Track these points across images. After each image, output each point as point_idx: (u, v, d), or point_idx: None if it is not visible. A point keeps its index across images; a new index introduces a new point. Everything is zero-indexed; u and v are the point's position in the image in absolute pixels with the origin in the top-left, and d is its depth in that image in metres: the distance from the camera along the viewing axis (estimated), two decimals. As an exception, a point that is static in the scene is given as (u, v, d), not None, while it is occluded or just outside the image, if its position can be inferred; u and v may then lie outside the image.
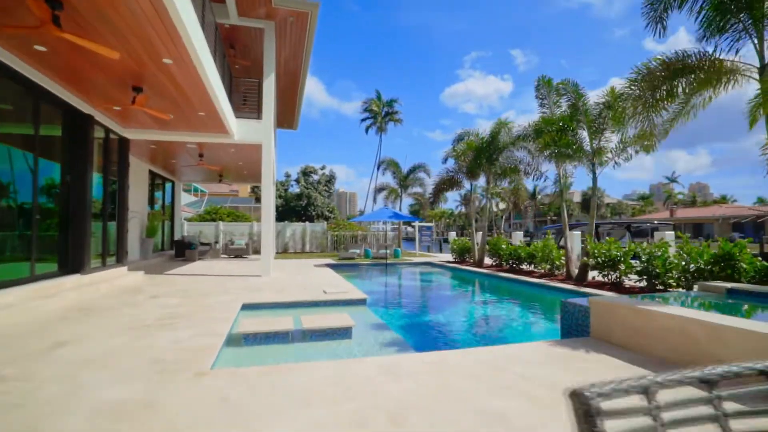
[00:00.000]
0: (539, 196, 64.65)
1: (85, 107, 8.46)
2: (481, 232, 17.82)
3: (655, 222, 19.77)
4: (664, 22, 7.33)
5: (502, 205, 61.45)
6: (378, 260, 18.67)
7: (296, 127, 22.25)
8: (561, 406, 3.06)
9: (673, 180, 76.27)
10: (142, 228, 14.98)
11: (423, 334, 6.39)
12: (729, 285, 6.16)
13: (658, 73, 7.14)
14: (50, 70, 6.90)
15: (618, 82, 9.87)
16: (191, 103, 8.46)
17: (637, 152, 10.59)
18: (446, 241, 45.19)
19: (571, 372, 3.77)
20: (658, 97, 7.14)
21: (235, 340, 5.33)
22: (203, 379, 3.54)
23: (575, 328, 5.38)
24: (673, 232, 12.77)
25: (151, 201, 16.58)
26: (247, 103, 13.07)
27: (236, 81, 13.33)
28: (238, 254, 19.11)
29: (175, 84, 7.40)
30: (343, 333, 5.64)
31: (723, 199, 75.02)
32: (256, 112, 12.56)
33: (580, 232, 17.30)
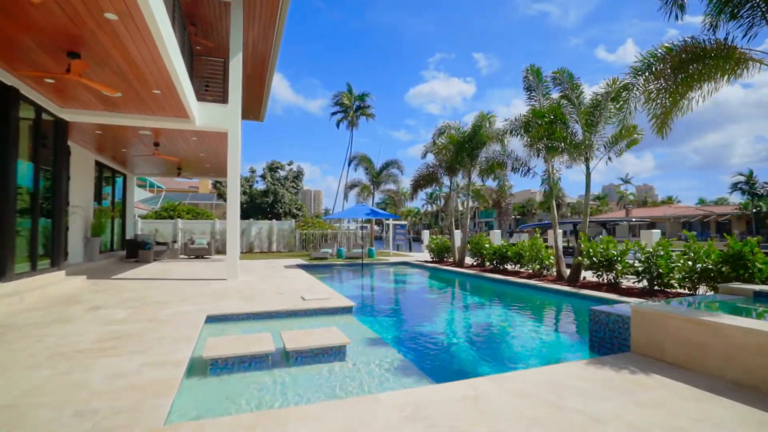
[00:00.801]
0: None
1: (6, 77, 6.91)
2: (460, 231, 17.21)
3: (633, 220, 19.98)
4: (681, 2, 6.79)
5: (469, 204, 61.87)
6: (352, 260, 17.64)
7: (263, 118, 20.75)
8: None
9: (627, 181, 79.83)
10: (86, 226, 13.18)
11: (429, 352, 5.45)
12: (756, 287, 5.68)
13: (676, 57, 6.58)
14: (-47, 23, 5.40)
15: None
16: (143, 76, 7.11)
17: (628, 146, 10.21)
18: (416, 240, 44.59)
19: (645, 406, 2.96)
20: (679, 80, 6.58)
21: (199, 368, 4.18)
22: (154, 442, 2.44)
23: (609, 342, 4.64)
24: (659, 230, 12.60)
25: (99, 196, 14.71)
26: (210, 89, 11.68)
27: (198, 61, 11.90)
28: (199, 254, 17.50)
29: (122, 49, 6.07)
30: (336, 353, 4.62)
31: (669, 200, 79.48)
32: (221, 97, 11.22)
33: (562, 231, 17.09)
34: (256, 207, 32.23)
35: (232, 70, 10.41)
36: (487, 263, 14.03)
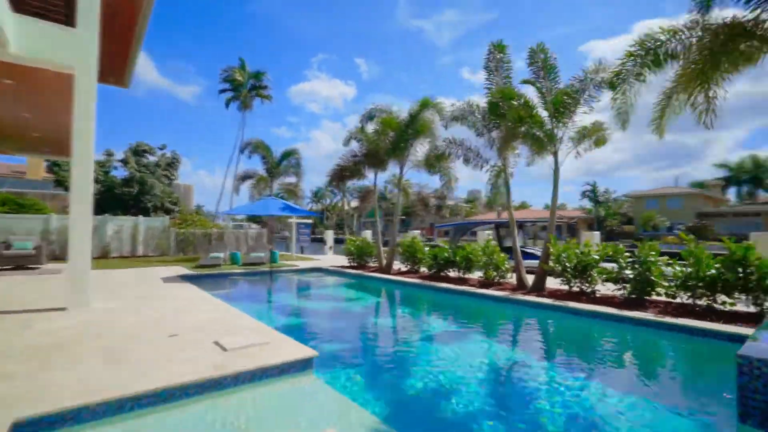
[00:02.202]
0: (390, 196, 65.30)
1: None
2: (381, 232, 15.20)
3: (566, 219, 20.58)
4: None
5: (354, 203, 60.23)
6: (253, 267, 14.18)
7: (128, 83, 15.56)
8: None
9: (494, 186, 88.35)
10: None
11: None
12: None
13: (715, 31, 5.48)
14: None
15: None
16: None
17: (596, 144, 9.37)
18: (315, 240, 41.18)
19: None
20: (722, 51, 5.47)
21: None
22: None
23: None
24: (598, 232, 12.35)
25: None
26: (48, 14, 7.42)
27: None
28: (21, 264, 12.08)
29: None
30: None
31: (524, 204, 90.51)
32: (62, 17, 7.14)
33: (488, 233, 16.30)
34: (114, 199, 25.44)
35: (84, -24, 6.54)
36: (424, 269, 12.25)
